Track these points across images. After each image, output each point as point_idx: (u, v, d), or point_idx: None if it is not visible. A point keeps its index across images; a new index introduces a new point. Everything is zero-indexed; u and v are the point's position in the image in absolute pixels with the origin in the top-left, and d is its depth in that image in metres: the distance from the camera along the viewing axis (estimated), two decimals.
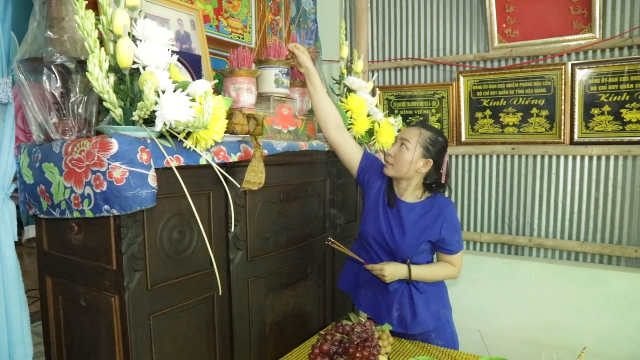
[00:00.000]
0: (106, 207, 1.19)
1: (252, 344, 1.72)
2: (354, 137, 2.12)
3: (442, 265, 1.80)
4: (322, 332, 1.68)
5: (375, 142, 2.28)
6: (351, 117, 2.16)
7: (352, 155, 1.88)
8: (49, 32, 1.33)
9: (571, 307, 2.52)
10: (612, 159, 2.46)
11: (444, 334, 1.84)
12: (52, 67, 1.30)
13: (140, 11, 1.31)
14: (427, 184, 1.76)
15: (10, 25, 1.40)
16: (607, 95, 2.41)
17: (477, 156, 2.83)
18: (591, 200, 2.53)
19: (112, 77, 1.22)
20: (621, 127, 2.40)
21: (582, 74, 2.44)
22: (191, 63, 1.89)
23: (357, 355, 1.45)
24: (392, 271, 1.73)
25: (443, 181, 1.76)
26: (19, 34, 1.40)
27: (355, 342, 1.54)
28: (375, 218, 1.80)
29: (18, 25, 1.41)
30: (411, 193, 1.78)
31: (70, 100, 1.33)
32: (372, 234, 1.81)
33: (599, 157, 2.49)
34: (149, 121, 1.22)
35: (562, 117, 2.51)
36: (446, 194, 1.84)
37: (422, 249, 1.75)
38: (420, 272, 1.75)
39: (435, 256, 1.86)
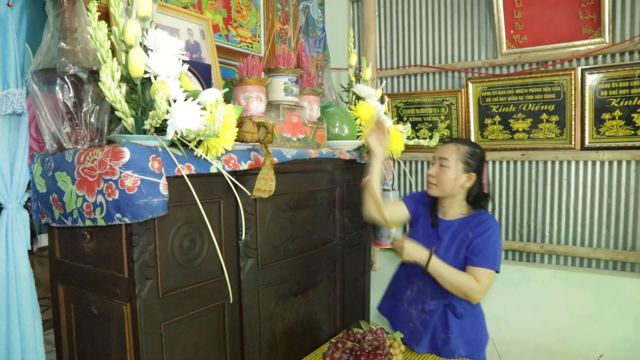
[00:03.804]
0: (118, 215, 1.20)
1: (262, 351, 1.72)
2: (363, 145, 2.12)
3: (465, 274, 1.72)
4: (333, 340, 1.68)
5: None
6: (360, 125, 2.16)
7: (401, 215, 1.97)
8: (62, 43, 1.35)
9: (584, 314, 2.49)
10: (624, 164, 2.43)
11: None
12: (65, 77, 1.32)
13: (152, 22, 1.33)
14: (471, 197, 1.78)
15: (25, 37, 1.42)
16: (618, 100, 2.38)
17: (486, 162, 2.81)
18: (603, 206, 2.51)
19: (124, 87, 1.24)
20: (633, 132, 2.37)
21: (592, 79, 2.43)
22: (201, 72, 1.91)
23: None
24: (413, 247, 1.72)
25: (486, 191, 1.77)
26: (34, 45, 1.42)
27: (367, 350, 1.54)
28: (420, 240, 1.81)
29: (32, 37, 1.44)
30: (455, 210, 1.80)
31: (83, 110, 1.35)
32: None
33: (610, 163, 2.47)
34: (160, 130, 1.23)
35: (573, 123, 2.49)
36: (489, 207, 1.87)
37: (461, 264, 1.74)
38: (439, 266, 1.70)
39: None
